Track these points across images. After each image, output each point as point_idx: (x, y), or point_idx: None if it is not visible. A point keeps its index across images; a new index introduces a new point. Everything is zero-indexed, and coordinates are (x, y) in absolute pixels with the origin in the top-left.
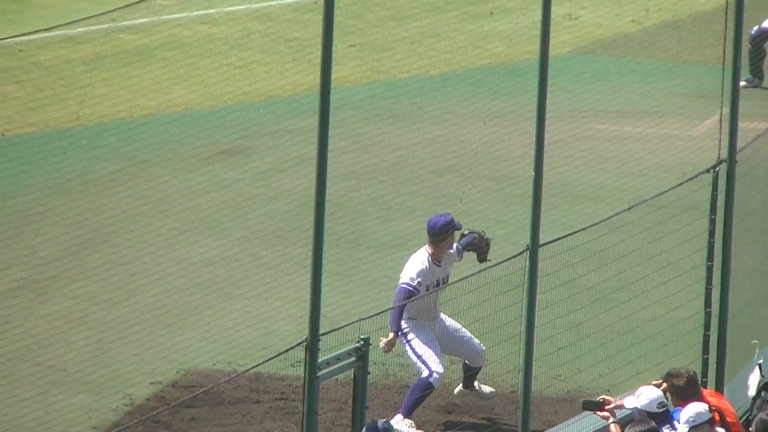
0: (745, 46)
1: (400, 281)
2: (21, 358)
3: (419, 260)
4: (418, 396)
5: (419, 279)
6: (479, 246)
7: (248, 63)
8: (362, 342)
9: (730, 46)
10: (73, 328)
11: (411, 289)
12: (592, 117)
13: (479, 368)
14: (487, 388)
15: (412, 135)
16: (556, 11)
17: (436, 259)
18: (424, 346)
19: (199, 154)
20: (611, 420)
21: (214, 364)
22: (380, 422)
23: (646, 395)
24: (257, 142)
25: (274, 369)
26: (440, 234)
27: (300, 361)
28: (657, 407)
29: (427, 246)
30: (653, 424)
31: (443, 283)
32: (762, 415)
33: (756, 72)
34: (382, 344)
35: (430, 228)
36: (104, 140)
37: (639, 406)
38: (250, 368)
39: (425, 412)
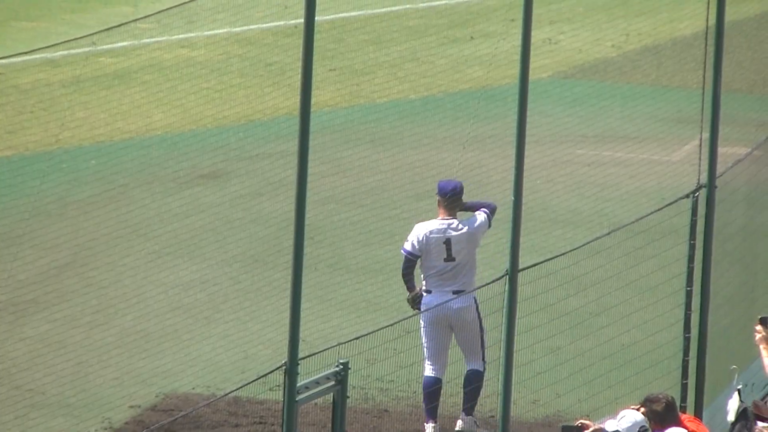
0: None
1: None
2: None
3: (421, 225)
4: (426, 396)
5: (418, 240)
6: None
7: (228, 87)
8: (341, 366)
9: (710, 71)
10: (52, 351)
11: (406, 253)
12: (572, 141)
13: (472, 389)
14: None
15: (391, 159)
16: (536, 36)
17: (444, 218)
18: (429, 341)
19: (179, 178)
20: None
21: (193, 388)
22: None
23: (628, 418)
24: (237, 165)
25: (253, 393)
26: (453, 196)
27: (279, 385)
28: (639, 431)
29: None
30: None
31: (457, 245)
32: None
33: None
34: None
35: (442, 191)
36: (84, 163)
37: (621, 429)
38: (229, 392)
39: None
